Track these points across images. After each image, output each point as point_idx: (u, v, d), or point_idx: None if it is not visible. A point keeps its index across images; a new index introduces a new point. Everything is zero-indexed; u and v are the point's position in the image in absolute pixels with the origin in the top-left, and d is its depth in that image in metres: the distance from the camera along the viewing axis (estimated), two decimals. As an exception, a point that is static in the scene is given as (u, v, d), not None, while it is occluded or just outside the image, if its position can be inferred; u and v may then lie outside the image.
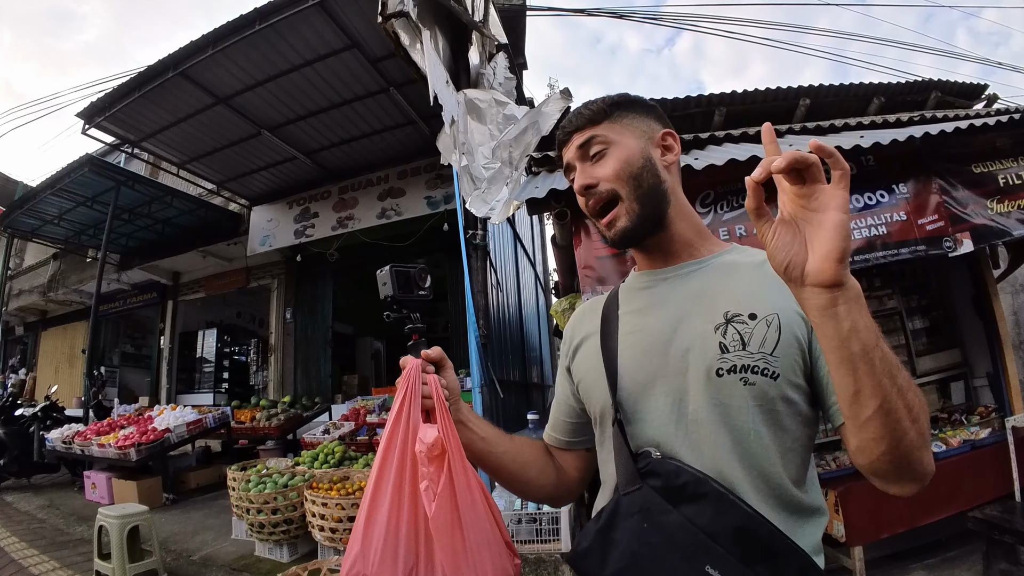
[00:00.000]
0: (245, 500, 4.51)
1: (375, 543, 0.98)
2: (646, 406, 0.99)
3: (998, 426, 3.90)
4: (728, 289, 0.99)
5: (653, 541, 0.86)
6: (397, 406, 1.06)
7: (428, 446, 1.01)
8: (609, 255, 3.50)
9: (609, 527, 0.93)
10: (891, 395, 0.72)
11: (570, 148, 1.10)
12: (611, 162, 1.05)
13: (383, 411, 7.16)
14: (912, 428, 0.74)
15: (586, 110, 1.10)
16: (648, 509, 0.88)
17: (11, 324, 16.71)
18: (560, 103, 4.13)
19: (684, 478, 0.88)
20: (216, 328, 13.04)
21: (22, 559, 4.60)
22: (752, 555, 0.81)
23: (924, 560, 3.76)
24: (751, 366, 0.90)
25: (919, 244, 3.40)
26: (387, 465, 1.03)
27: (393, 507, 1.00)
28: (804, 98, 5.32)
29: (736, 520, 0.83)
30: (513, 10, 6.92)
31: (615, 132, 1.07)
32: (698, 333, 0.96)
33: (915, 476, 0.78)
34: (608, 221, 1.04)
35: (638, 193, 1.03)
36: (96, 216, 10.02)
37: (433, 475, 1.00)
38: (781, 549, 0.82)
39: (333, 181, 9.35)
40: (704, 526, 0.83)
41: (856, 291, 0.72)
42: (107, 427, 7.31)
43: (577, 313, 1.29)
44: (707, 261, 1.07)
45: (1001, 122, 3.55)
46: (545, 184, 3.58)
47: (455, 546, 0.98)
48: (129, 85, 6.78)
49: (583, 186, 1.05)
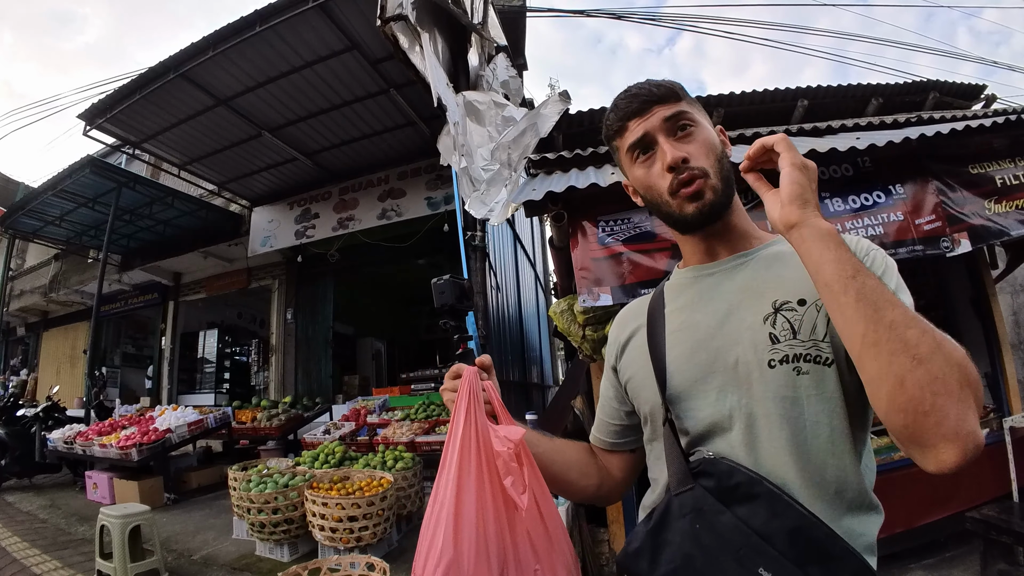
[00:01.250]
0: (246, 500, 4.52)
1: (466, 550, 0.99)
2: (697, 404, 0.97)
3: (996, 426, 3.90)
4: (776, 278, 0.98)
5: (705, 542, 0.85)
6: (464, 412, 1.08)
7: (514, 443, 1.05)
8: (605, 256, 3.52)
9: (660, 528, 0.92)
10: (876, 327, 0.73)
11: (651, 119, 1.03)
12: (702, 140, 1.03)
13: (383, 411, 7.19)
14: (917, 367, 0.69)
15: (661, 86, 1.06)
16: (700, 510, 0.88)
17: (12, 324, 16.73)
18: (558, 105, 4.15)
19: (737, 478, 0.87)
20: (217, 329, 13.07)
21: (24, 559, 4.62)
22: (806, 557, 0.79)
23: (922, 560, 3.77)
24: (803, 354, 0.89)
25: (916, 244, 3.41)
26: (465, 469, 1.05)
27: (480, 510, 1.02)
28: (802, 99, 5.34)
29: (790, 521, 0.82)
30: (513, 11, 6.93)
31: (696, 112, 1.06)
32: (747, 326, 0.95)
33: (944, 434, 0.68)
34: (693, 192, 0.99)
35: (721, 175, 1.01)
36: (97, 217, 10.06)
37: (517, 471, 1.04)
38: (835, 551, 0.81)
39: (334, 182, 9.37)
40: (758, 527, 0.82)
41: (819, 229, 0.82)
42: (108, 427, 7.33)
43: (623, 312, 1.26)
44: (752, 253, 1.06)
45: (998, 123, 3.56)
46: (543, 186, 3.59)
47: (545, 535, 1.04)
48: (130, 87, 6.81)
49: (679, 158, 0.99)
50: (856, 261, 0.78)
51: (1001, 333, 4.31)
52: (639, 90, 1.07)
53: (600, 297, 3.38)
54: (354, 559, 3.09)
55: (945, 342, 0.72)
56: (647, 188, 1.06)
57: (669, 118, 1.02)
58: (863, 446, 0.92)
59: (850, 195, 3.54)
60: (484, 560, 0.99)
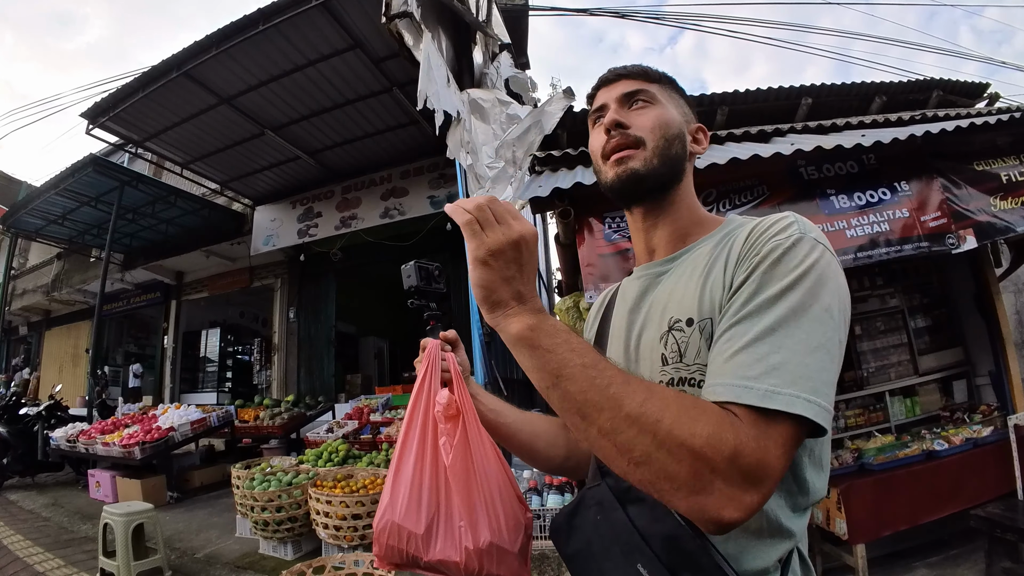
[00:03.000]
0: (249, 498, 4.52)
1: (402, 494, 1.12)
2: None
3: (1000, 424, 3.90)
4: (678, 291, 0.94)
5: (602, 532, 0.92)
6: (420, 379, 1.20)
7: (444, 405, 1.13)
8: (612, 252, 3.52)
9: (573, 514, 1.00)
10: (586, 434, 0.72)
11: (612, 90, 1.06)
12: (652, 116, 1.02)
13: (386, 410, 7.18)
14: (636, 469, 0.68)
15: (637, 66, 1.09)
16: (602, 504, 0.94)
17: (15, 324, 16.76)
18: (562, 102, 4.15)
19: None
20: (219, 328, 13.08)
21: (27, 557, 4.62)
22: (678, 563, 0.81)
23: (926, 558, 3.77)
24: (688, 379, 0.87)
25: (922, 241, 3.41)
26: (412, 428, 1.17)
27: (417, 463, 1.14)
28: (806, 97, 5.33)
29: (667, 528, 0.83)
30: (516, 10, 6.93)
31: (663, 96, 1.06)
32: (648, 343, 0.96)
33: (686, 513, 0.69)
34: (619, 158, 0.99)
35: (663, 153, 1.00)
36: (100, 216, 10.07)
37: (449, 431, 1.13)
38: (705, 565, 0.79)
39: (336, 181, 9.38)
40: (641, 527, 0.85)
41: (509, 335, 0.79)
42: (111, 426, 7.32)
43: (595, 306, 1.30)
44: (679, 257, 1.02)
45: (1002, 121, 3.56)
46: (549, 183, 3.59)
47: (471, 492, 1.11)
48: (133, 85, 6.82)
49: (615, 121, 1.00)
50: (555, 364, 0.73)
51: (1005, 331, 4.30)
52: (618, 67, 1.11)
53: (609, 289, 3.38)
54: (358, 557, 3.09)
55: (673, 433, 0.66)
56: (592, 153, 1.08)
57: (629, 92, 1.04)
58: None
59: (855, 192, 3.54)
60: (416, 507, 1.11)
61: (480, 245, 0.80)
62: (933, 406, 4.48)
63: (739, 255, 0.85)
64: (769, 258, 0.79)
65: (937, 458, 3.70)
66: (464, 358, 1.28)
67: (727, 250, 0.89)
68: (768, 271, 0.78)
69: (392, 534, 1.11)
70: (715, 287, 0.86)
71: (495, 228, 0.81)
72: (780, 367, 0.70)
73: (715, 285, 0.86)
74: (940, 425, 4.17)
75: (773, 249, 0.80)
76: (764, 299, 0.75)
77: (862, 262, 3.41)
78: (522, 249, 0.81)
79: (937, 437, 3.86)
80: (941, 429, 4.02)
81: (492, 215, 0.82)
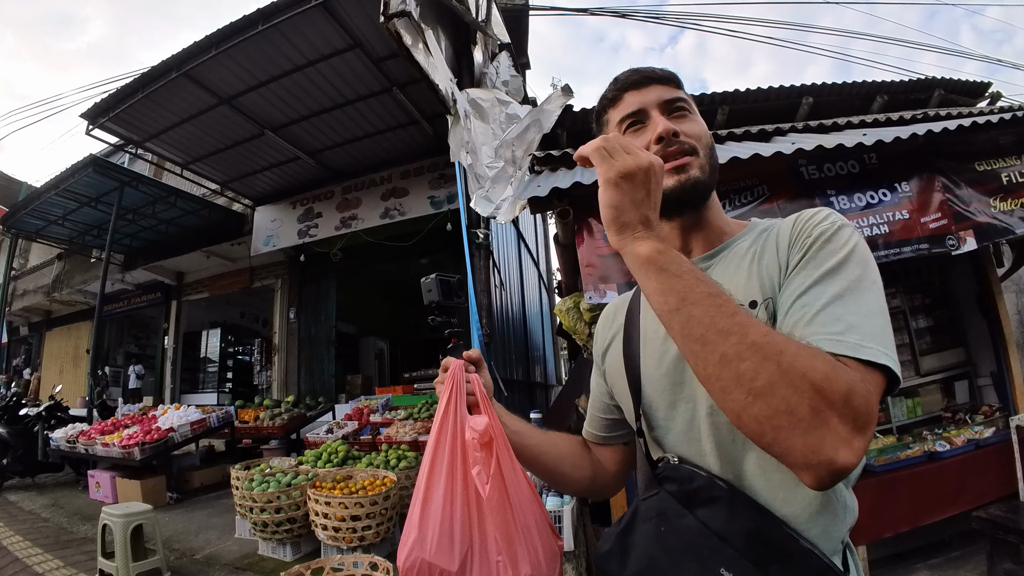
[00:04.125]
0: (248, 499, 4.51)
1: (431, 529, 1.03)
2: (667, 414, 0.98)
3: (1002, 425, 3.89)
4: (732, 281, 0.95)
5: (669, 544, 0.86)
6: (444, 403, 1.12)
7: (479, 433, 1.08)
8: (612, 252, 3.50)
9: (628, 531, 0.94)
10: (705, 363, 0.71)
11: (645, 94, 1.04)
12: (697, 125, 1.03)
13: (386, 411, 7.17)
14: (753, 403, 0.66)
15: (664, 70, 1.08)
16: (664, 513, 0.89)
17: (16, 324, 16.76)
18: (561, 100, 4.13)
19: (698, 482, 0.88)
20: (220, 328, 13.09)
21: (26, 558, 4.61)
22: (765, 557, 0.79)
23: (928, 560, 3.75)
24: None
25: (922, 243, 3.40)
26: (439, 456, 1.09)
27: (447, 494, 1.06)
28: (807, 96, 5.32)
29: (749, 522, 0.82)
30: (516, 10, 6.92)
31: (692, 106, 1.07)
32: None
33: (794, 463, 0.67)
34: (679, 165, 0.98)
35: (710, 161, 1.01)
36: (100, 216, 10.07)
37: (484, 460, 1.07)
38: (796, 551, 0.80)
39: (336, 181, 9.37)
40: (717, 528, 0.82)
41: (636, 256, 0.80)
42: (111, 426, 7.32)
43: (605, 312, 1.26)
44: (717, 253, 1.04)
45: (1004, 120, 3.55)
46: (548, 182, 3.58)
47: (508, 525, 1.04)
48: (133, 86, 6.81)
49: (671, 130, 0.98)
50: (681, 288, 0.74)
51: (1007, 332, 4.28)
52: (641, 68, 1.08)
53: (606, 294, 3.37)
54: (357, 558, 3.08)
55: (795, 365, 0.66)
56: None
57: (668, 100, 1.03)
58: None
59: (856, 192, 3.53)
60: (448, 543, 1.02)
61: (611, 167, 0.81)
62: (935, 407, 4.46)
63: (789, 240, 0.90)
64: (821, 239, 0.85)
65: (939, 459, 3.68)
66: (488, 379, 1.23)
67: (774, 239, 0.93)
68: (822, 248, 0.84)
69: (422, 573, 1.02)
70: (770, 270, 0.90)
71: (624, 154, 0.82)
72: (857, 326, 0.74)
73: (770, 268, 0.90)
74: (942, 426, 4.15)
75: (823, 232, 0.86)
76: (825, 271, 0.81)
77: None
78: (651, 176, 0.82)
79: (939, 438, 3.85)
80: (943, 430, 4.01)
81: (620, 145, 0.83)
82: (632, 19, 9.36)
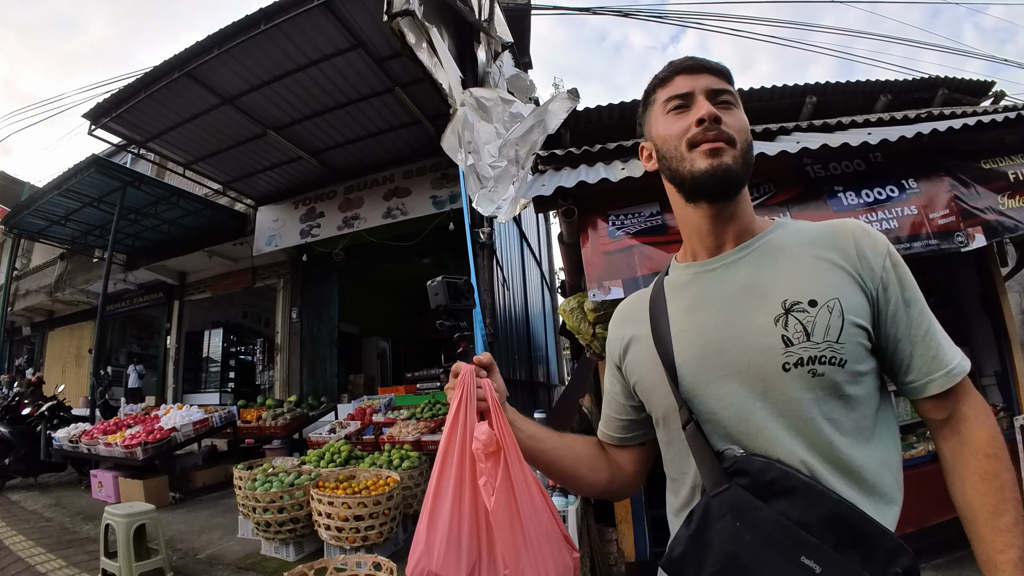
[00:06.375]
0: (251, 499, 4.51)
1: (439, 540, 1.02)
2: (711, 406, 0.98)
3: (1006, 425, 3.88)
4: (782, 275, 0.98)
5: (747, 539, 0.86)
6: (454, 409, 1.10)
7: (483, 443, 1.05)
8: (616, 250, 3.49)
9: (702, 530, 0.92)
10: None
11: (695, 80, 1.06)
12: (740, 118, 1.04)
13: (389, 410, 7.17)
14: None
15: (719, 63, 1.09)
16: (739, 508, 0.88)
17: (18, 324, 16.79)
18: (566, 103, 4.12)
19: (772, 473, 0.88)
20: (222, 328, 13.11)
21: (29, 558, 4.62)
22: (845, 542, 0.82)
23: (932, 560, 3.74)
24: (818, 356, 0.90)
25: (931, 239, 3.37)
26: (447, 465, 1.08)
27: (455, 505, 1.04)
28: (811, 96, 5.31)
29: (827, 509, 0.84)
30: (518, 9, 6.92)
31: (738, 101, 1.08)
32: (758, 328, 0.95)
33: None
34: (714, 148, 0.99)
35: (746, 155, 1.02)
36: (103, 216, 10.07)
37: (490, 471, 1.04)
38: (872, 532, 0.83)
39: (339, 181, 9.36)
40: (796, 518, 0.84)
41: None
42: (114, 426, 7.33)
43: (622, 308, 1.26)
44: (751, 245, 1.05)
45: (1009, 119, 3.54)
46: (552, 182, 3.58)
47: (515, 538, 1.02)
48: (135, 86, 6.80)
49: (714, 114, 1.00)
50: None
51: (1011, 331, 4.26)
52: (697, 56, 1.11)
53: (611, 291, 3.36)
54: (360, 558, 3.08)
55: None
56: (666, 139, 1.07)
57: (716, 89, 1.04)
58: (883, 441, 0.96)
59: (863, 189, 3.52)
60: (455, 555, 1.01)
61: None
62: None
63: (857, 253, 0.97)
64: (891, 257, 0.98)
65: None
66: (501, 383, 1.20)
67: (831, 249, 0.99)
68: (899, 270, 0.98)
69: None
70: (834, 276, 0.96)
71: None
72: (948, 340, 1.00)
73: (833, 275, 0.96)
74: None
75: (889, 251, 0.99)
76: (912, 292, 0.98)
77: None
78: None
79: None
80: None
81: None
82: (634, 18, 9.35)
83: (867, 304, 0.94)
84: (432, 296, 1.28)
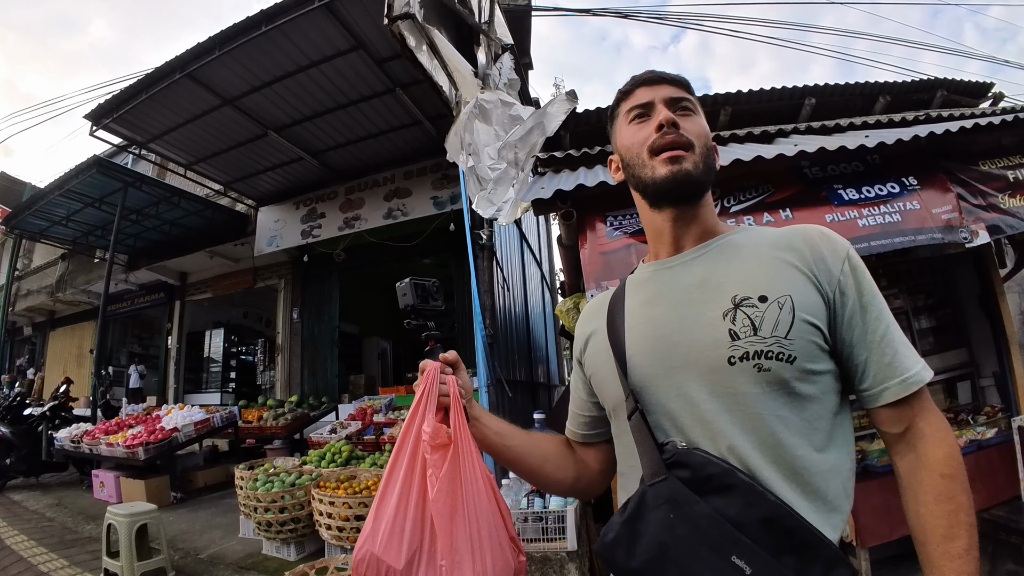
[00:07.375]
0: (252, 499, 4.53)
1: (384, 525, 1.06)
2: (659, 398, 0.99)
3: (1005, 426, 3.88)
4: (735, 272, 0.99)
5: (680, 532, 0.86)
6: (414, 404, 1.14)
7: (430, 435, 1.09)
8: (614, 250, 3.51)
9: (635, 518, 0.93)
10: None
11: (655, 91, 1.11)
12: (698, 123, 1.08)
13: (390, 411, 7.19)
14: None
15: (677, 75, 1.14)
16: (675, 500, 0.88)
17: (19, 324, 16.81)
18: (565, 105, 4.14)
19: (711, 469, 0.88)
20: (223, 328, 13.12)
21: (31, 557, 4.64)
22: (780, 546, 0.81)
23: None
24: (764, 351, 0.90)
25: (936, 232, 3.36)
26: (401, 454, 1.12)
27: (403, 493, 1.08)
28: (809, 97, 5.32)
29: (764, 511, 0.83)
30: (518, 11, 6.92)
31: (699, 108, 1.12)
32: (707, 321, 0.96)
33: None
34: (674, 156, 1.03)
35: (706, 160, 1.06)
36: (104, 217, 10.09)
37: (437, 462, 1.08)
38: (809, 540, 0.82)
39: (340, 182, 9.38)
40: (732, 517, 0.83)
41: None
42: (115, 426, 7.35)
43: (589, 306, 1.29)
44: (710, 245, 1.07)
45: (1007, 121, 3.54)
46: (551, 184, 3.59)
47: (455, 531, 1.05)
48: (136, 87, 6.82)
49: (672, 120, 1.04)
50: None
51: (1009, 332, 4.27)
52: (656, 69, 1.17)
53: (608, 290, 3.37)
54: (361, 558, 3.09)
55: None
56: (629, 148, 1.11)
57: (675, 98, 1.09)
58: (836, 447, 0.94)
59: (863, 185, 3.52)
60: (397, 541, 1.04)
61: None
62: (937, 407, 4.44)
63: (813, 256, 0.98)
64: (850, 261, 0.98)
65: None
66: (466, 380, 1.24)
67: (788, 250, 1.00)
68: (858, 274, 0.98)
69: (371, 567, 1.04)
70: (788, 275, 0.96)
71: None
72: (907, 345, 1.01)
73: (788, 274, 0.96)
74: (944, 426, 4.14)
75: (848, 255, 0.99)
76: (870, 296, 0.98)
77: (876, 251, 3.37)
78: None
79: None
80: (945, 430, 4.00)
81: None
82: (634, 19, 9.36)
83: (822, 304, 0.95)
84: (400, 296, 1.32)
